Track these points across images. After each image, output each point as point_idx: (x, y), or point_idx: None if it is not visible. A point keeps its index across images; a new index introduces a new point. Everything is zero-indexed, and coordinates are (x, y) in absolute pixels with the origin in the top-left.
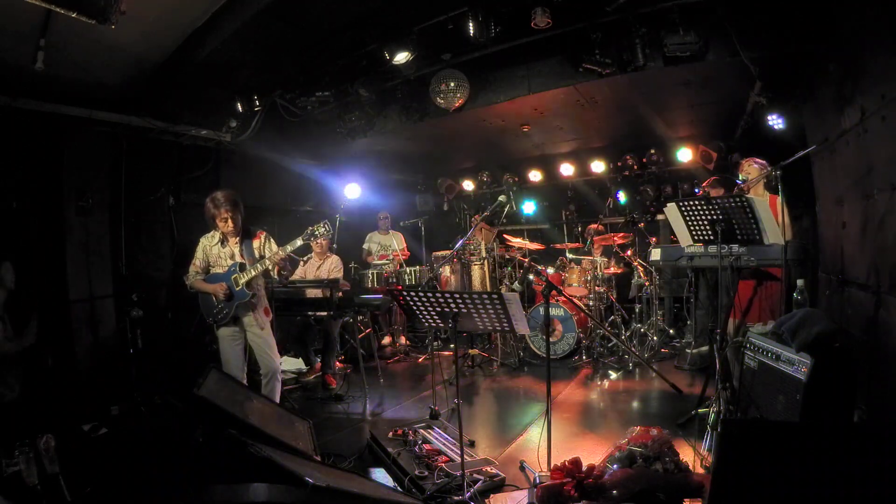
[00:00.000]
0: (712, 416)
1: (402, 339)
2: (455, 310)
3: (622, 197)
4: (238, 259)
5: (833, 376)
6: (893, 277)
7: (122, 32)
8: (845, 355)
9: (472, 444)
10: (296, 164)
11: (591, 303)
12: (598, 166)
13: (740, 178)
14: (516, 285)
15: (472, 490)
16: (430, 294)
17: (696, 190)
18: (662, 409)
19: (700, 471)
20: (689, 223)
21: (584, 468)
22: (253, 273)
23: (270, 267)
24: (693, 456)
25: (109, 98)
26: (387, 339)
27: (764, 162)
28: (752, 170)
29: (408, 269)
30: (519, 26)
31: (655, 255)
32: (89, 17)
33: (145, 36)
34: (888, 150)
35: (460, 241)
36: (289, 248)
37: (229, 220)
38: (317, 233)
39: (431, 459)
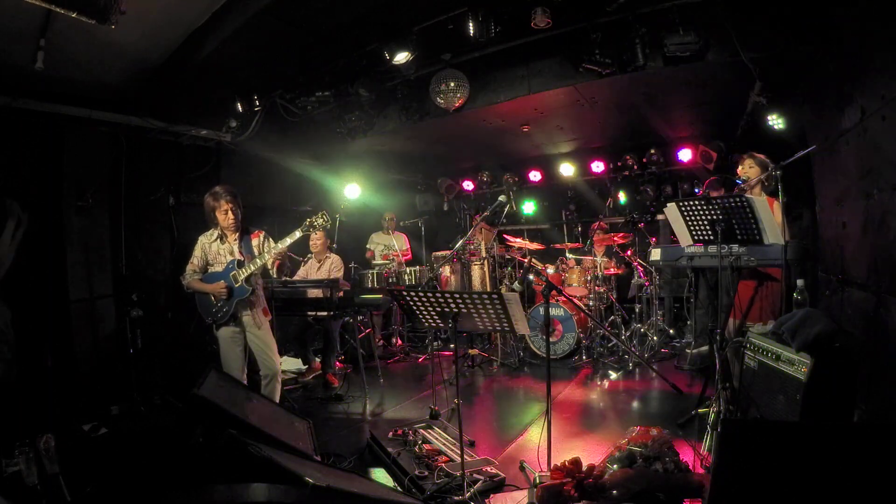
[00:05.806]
0: (712, 416)
1: (397, 341)
2: (455, 310)
3: (622, 197)
4: (237, 256)
5: (833, 376)
6: (893, 277)
7: (122, 32)
8: (845, 355)
9: (472, 444)
10: (296, 164)
11: (591, 303)
12: (598, 166)
13: (740, 176)
14: (516, 285)
15: (472, 490)
16: (430, 294)
17: (697, 190)
18: (662, 409)
19: (700, 471)
20: (689, 223)
21: (584, 468)
22: (252, 268)
23: (270, 262)
24: (693, 456)
25: (109, 98)
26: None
27: (765, 157)
28: (752, 171)
29: (408, 270)
30: (519, 26)
31: (655, 255)
32: (89, 17)
33: (145, 36)
34: (888, 150)
35: (460, 241)
36: (288, 240)
37: (230, 213)
38: (316, 223)
39: (431, 459)
